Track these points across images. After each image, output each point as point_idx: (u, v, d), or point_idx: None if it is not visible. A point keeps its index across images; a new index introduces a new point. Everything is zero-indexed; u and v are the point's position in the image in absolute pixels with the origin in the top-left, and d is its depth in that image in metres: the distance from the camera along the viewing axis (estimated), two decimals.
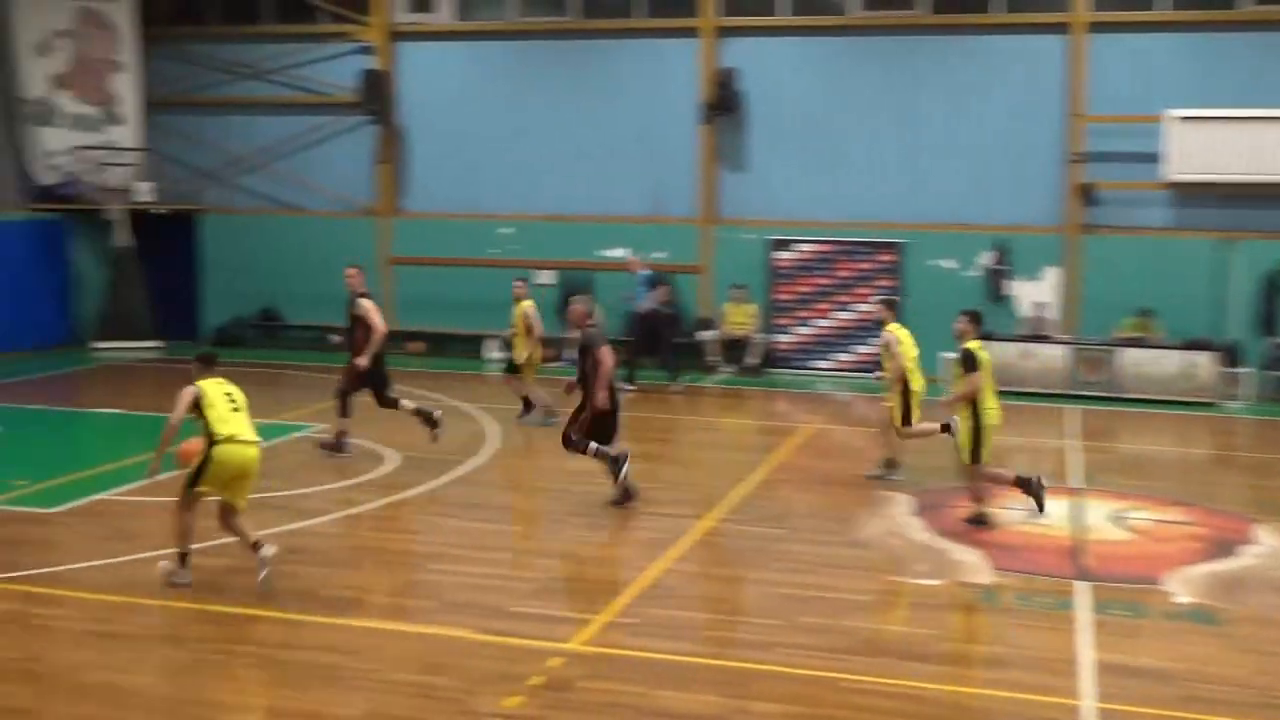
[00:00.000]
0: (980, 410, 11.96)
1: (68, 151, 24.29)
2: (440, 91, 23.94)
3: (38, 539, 11.44)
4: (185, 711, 7.71)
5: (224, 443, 9.79)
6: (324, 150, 24.71)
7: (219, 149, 25.11)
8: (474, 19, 23.84)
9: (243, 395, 10.21)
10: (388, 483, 13.65)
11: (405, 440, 15.55)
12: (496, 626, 9.19)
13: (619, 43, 23.17)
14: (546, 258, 23.11)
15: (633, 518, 12.41)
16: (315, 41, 24.46)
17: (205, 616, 9.42)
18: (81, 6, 24.40)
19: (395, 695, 7.97)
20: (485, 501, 13.04)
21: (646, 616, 9.49)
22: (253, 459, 10.02)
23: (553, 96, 23.41)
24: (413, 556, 11.48)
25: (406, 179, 24.41)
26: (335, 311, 23.21)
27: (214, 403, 9.88)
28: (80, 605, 9.65)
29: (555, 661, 8.54)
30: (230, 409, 9.97)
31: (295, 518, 12.16)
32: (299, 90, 24.74)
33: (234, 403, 10.04)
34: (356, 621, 9.30)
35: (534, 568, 10.78)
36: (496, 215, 23.72)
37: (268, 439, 15.54)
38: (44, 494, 12.76)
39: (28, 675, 8.28)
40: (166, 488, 13.25)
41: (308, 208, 24.81)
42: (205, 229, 25.05)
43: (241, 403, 10.09)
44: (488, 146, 23.71)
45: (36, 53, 24.09)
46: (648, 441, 16.96)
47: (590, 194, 23.27)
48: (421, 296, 23.82)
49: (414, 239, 24.05)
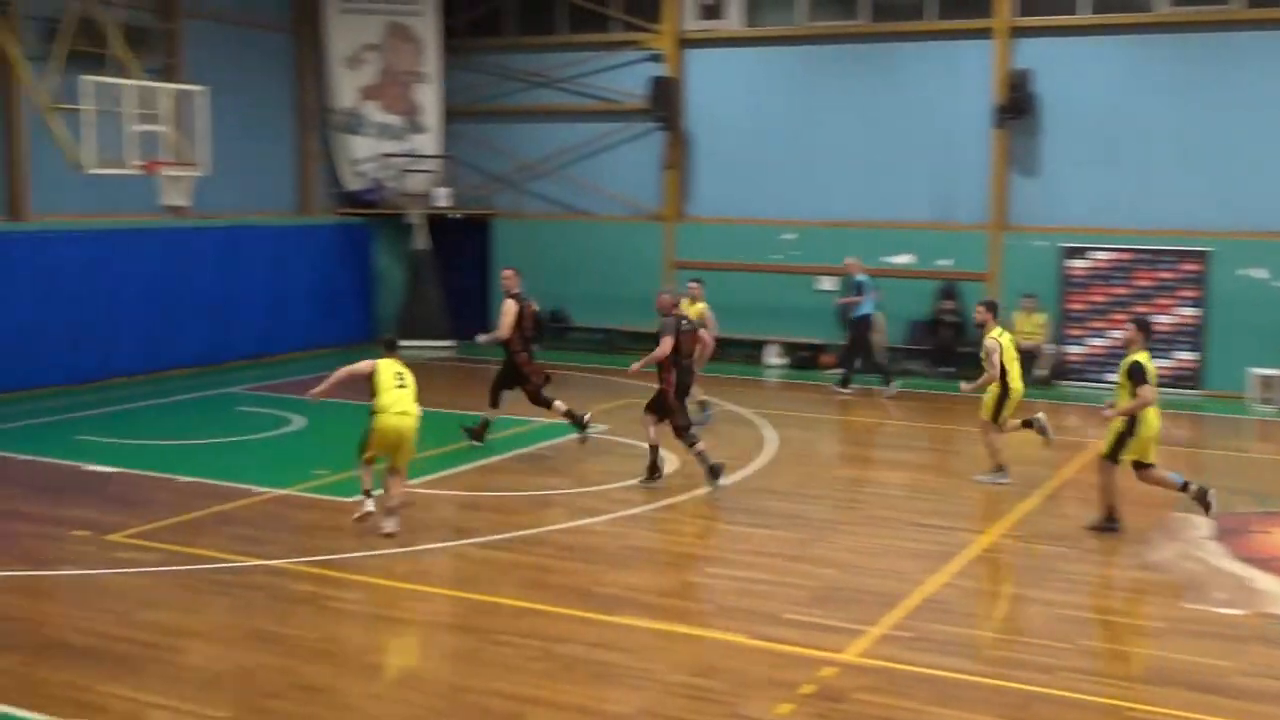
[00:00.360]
0: (1140, 420, 11.76)
1: (373, 159, 25.58)
2: (726, 97, 24.06)
3: (335, 526, 12.01)
4: (465, 698, 7.94)
5: (382, 413, 11.38)
6: (612, 156, 25.19)
7: (511, 155, 25.93)
8: (762, 24, 23.85)
9: (411, 376, 11.70)
10: (668, 485, 13.75)
11: (680, 444, 15.66)
12: (769, 632, 9.13)
13: (910, 45, 22.73)
14: (829, 264, 22.91)
15: (912, 530, 12.14)
16: (607, 50, 24.96)
17: (486, 607, 9.70)
18: (390, 21, 25.64)
19: (667, 695, 8.01)
20: (761, 507, 13.00)
21: (923, 631, 9.25)
22: (409, 428, 11.49)
23: (839, 100, 23.19)
24: (687, 559, 11.54)
25: (691, 184, 24.63)
26: (622, 314, 23.71)
27: (383, 380, 11.53)
28: (372, 590, 10.10)
29: (828, 671, 8.41)
30: (396, 386, 11.58)
31: (574, 515, 12.40)
32: (589, 98, 25.30)
33: (401, 381, 11.63)
34: (630, 620, 9.40)
35: (809, 575, 10.65)
36: (779, 221, 23.66)
37: (551, 439, 16.06)
38: (342, 484, 13.41)
39: (324, 655, 8.70)
40: (458, 482, 13.77)
41: (595, 212, 25.35)
42: (497, 233, 25.90)
43: (408, 381, 11.66)
44: (772, 151, 23.68)
45: (347, 66, 25.44)
46: (928, 451, 16.59)
47: (875, 199, 22.93)
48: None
49: (697, 244, 24.23)
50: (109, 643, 8.77)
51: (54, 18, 19.17)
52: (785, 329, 23.33)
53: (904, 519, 12.51)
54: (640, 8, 24.58)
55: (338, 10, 25.20)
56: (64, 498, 12.78)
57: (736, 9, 23.90)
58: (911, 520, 12.44)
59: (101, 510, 12.28)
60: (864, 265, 21.02)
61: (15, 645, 8.80)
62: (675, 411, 13.56)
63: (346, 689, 8.09)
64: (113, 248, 20.16)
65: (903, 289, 22.21)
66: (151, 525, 11.78)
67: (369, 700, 7.88)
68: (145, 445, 15.50)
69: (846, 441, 17.31)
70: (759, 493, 13.55)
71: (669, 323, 13.50)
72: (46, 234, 19.37)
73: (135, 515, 12.11)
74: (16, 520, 11.94)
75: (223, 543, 11.33)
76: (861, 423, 18.72)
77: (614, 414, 17.68)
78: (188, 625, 9.22)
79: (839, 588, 10.38)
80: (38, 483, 13.47)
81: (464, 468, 14.36)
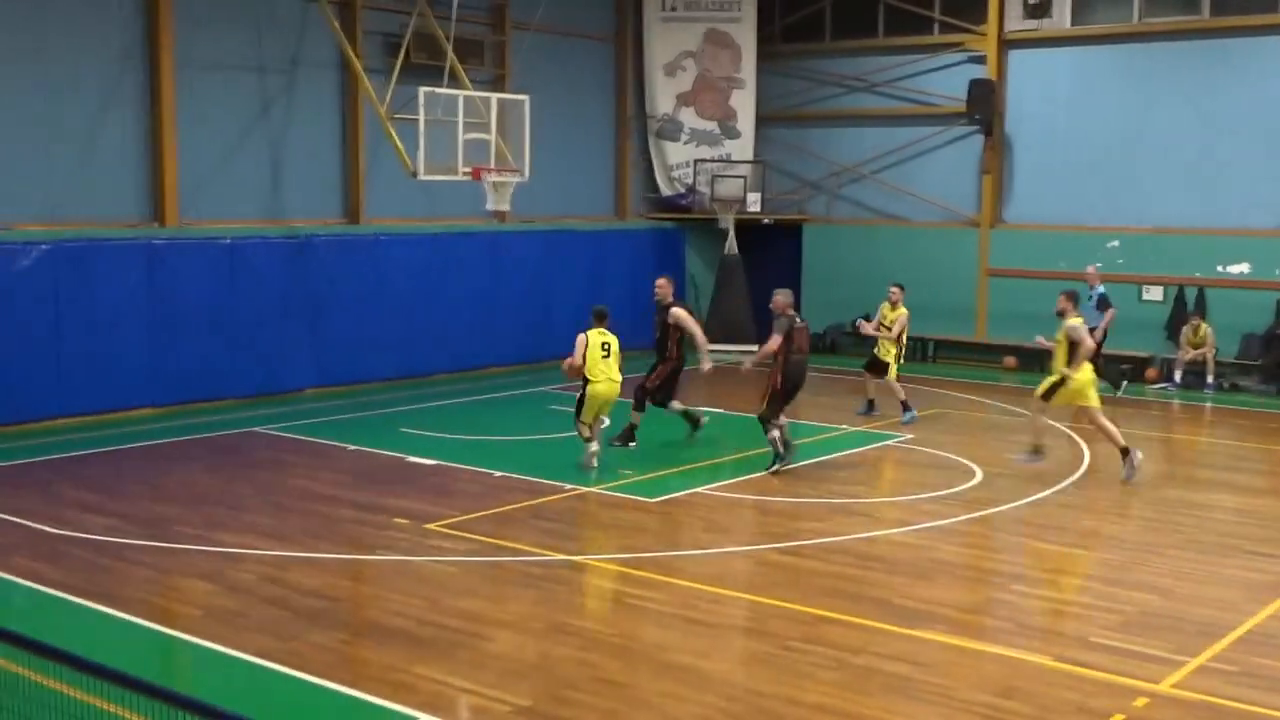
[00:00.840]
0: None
1: (687, 164, 25.96)
2: (1049, 99, 23.20)
3: (637, 525, 12.25)
4: (758, 703, 7.92)
5: (595, 382, 14.02)
6: (928, 160, 24.70)
7: (822, 160, 25.80)
8: (1091, 23, 22.86)
9: (616, 343, 14.23)
10: (973, 498, 13.38)
11: (989, 456, 15.24)
12: (1076, 656, 8.72)
13: (1255, 39, 21.28)
14: (1154, 273, 21.77)
15: (1240, 556, 11.37)
16: (926, 52, 24.49)
17: (784, 613, 9.64)
18: (709, 28, 25.96)
19: (965, 714, 7.76)
20: (1073, 525, 12.46)
21: (1249, 665, 8.64)
22: (615, 394, 14.21)
23: (1172, 100, 21.96)
24: (992, 575, 11.17)
25: (1009, 189, 23.88)
26: (934, 323, 23.20)
27: (593, 351, 14.04)
28: (670, 590, 10.21)
29: (1140, 701, 7.97)
30: (601, 356, 14.06)
31: (875, 525, 12.21)
32: (905, 101, 24.90)
33: (606, 350, 14.11)
34: (929, 634, 9.16)
35: (1121, 599, 10.12)
36: (1101, 228, 22.65)
37: (854, 447, 15.88)
38: (646, 484, 13.64)
39: (620, 650, 8.86)
40: (759, 487, 13.80)
41: (908, 218, 24.92)
42: (807, 238, 25.80)
43: (613, 350, 14.18)
44: (1096, 155, 22.69)
45: (665, 73, 25.92)
46: (1260, 474, 15.54)
47: (1207, 204, 21.63)
48: (1016, 310, 23.18)
49: (1012, 251, 23.48)
50: (421, 627, 9.19)
51: (393, 33, 20.31)
52: (1106, 340, 22.27)
53: (1231, 545, 11.74)
54: (962, 9, 24.02)
55: (658, 19, 25.71)
56: (388, 487, 13.49)
57: (1064, 8, 23.00)
58: (1239, 546, 11.66)
59: (420, 500, 12.89)
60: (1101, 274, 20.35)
61: (338, 624, 9.34)
62: (770, 402, 14.42)
63: (642, 685, 8.19)
64: (439, 250, 21.18)
65: (1237, 300, 20.92)
66: (465, 516, 12.29)
67: (663, 698, 7.96)
68: (463, 440, 16.20)
69: (1169, 460, 16.38)
70: (1074, 510, 12.99)
71: (782, 322, 14.54)
72: (380, 237, 20.52)
73: (451, 506, 12.66)
74: (345, 507, 12.67)
75: (531, 536, 11.71)
76: (1186, 440, 17.72)
77: (920, 423, 17.33)
78: (494, 614, 9.55)
79: (1156, 614, 9.81)
80: (365, 472, 14.26)
81: (764, 472, 14.35)
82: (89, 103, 17.51)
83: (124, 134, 17.88)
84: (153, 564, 10.66)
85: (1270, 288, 20.89)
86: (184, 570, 10.50)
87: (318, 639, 8.91)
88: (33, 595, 9.88)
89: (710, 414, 16.59)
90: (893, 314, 17.80)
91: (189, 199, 18.49)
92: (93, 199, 17.57)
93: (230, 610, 9.50)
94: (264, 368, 18.88)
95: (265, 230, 19.16)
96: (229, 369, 18.45)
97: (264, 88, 19.50)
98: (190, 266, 17.99)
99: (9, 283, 16.13)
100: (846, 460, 15.31)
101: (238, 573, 10.40)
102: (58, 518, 12.00)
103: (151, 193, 18.22)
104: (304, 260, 19.34)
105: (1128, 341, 21.98)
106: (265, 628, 9.11)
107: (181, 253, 17.92)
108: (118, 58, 17.75)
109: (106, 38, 17.59)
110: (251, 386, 18.73)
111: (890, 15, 24.89)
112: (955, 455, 15.39)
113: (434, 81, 18.75)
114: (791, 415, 15.66)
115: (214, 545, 11.22)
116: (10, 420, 16.15)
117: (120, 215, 17.87)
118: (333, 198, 20.61)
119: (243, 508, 12.57)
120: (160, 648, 9.02)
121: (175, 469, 14.27)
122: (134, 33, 17.86)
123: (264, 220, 19.47)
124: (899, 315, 17.75)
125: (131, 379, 17.37)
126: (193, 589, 10.05)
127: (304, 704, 7.98)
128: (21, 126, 16.86)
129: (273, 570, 10.49)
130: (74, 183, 17.40)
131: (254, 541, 11.36)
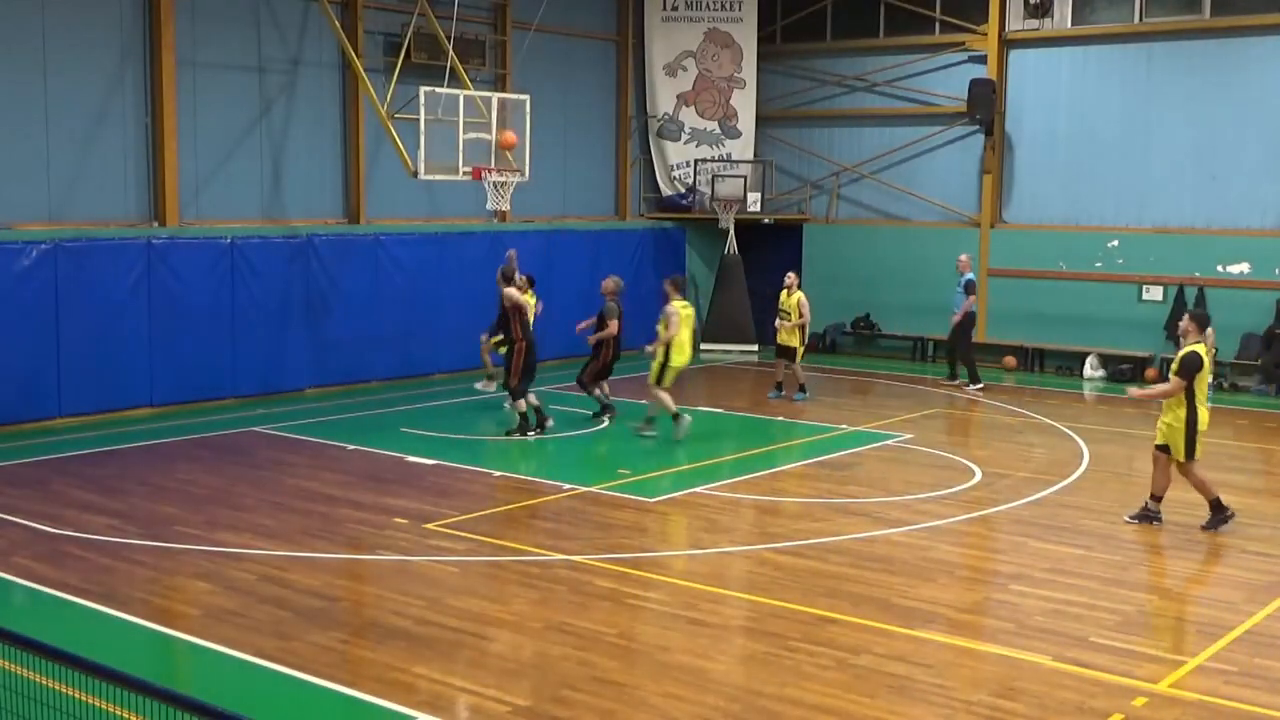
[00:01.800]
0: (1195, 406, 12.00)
1: (687, 164, 25.96)
2: (1049, 99, 23.21)
3: (635, 525, 12.24)
4: (757, 702, 7.92)
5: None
6: (929, 160, 24.71)
7: (823, 160, 25.80)
8: (1092, 23, 22.86)
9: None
10: (973, 498, 13.39)
11: (989, 456, 15.23)
12: (1077, 656, 8.73)
13: (1256, 40, 21.27)
14: (1154, 273, 21.78)
15: (1239, 556, 11.38)
16: (927, 52, 24.49)
17: (784, 613, 9.65)
18: (710, 28, 25.96)
19: (966, 714, 7.76)
20: (1074, 524, 12.45)
21: (1247, 666, 8.65)
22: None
23: (1173, 100, 21.96)
24: (992, 575, 11.17)
25: (1010, 189, 23.88)
26: (934, 322, 23.20)
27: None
28: (669, 589, 10.21)
29: (1139, 701, 7.97)
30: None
31: (877, 525, 12.22)
32: (906, 101, 24.90)
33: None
34: (929, 634, 9.17)
35: (1121, 599, 10.13)
36: (1101, 228, 22.65)
37: (853, 447, 15.89)
38: (643, 484, 13.64)
39: (619, 650, 8.86)
40: (759, 487, 13.79)
41: (909, 218, 24.92)
42: (808, 237, 25.80)
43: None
44: (1096, 155, 22.69)
45: (666, 73, 25.92)
46: (1258, 474, 15.55)
47: (1207, 204, 21.65)
48: (1016, 310, 23.22)
49: (1012, 250, 23.48)
50: (420, 627, 9.19)
51: (394, 32, 20.30)
52: (1105, 340, 22.32)
53: (1230, 544, 11.75)
54: (962, 9, 24.02)
55: (659, 18, 25.71)
56: (388, 487, 13.49)
57: (1065, 8, 22.99)
58: (1239, 546, 11.67)
59: (420, 500, 12.89)
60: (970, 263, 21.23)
61: (338, 624, 9.34)
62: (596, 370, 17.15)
63: (641, 685, 8.19)
64: (439, 250, 21.17)
65: (1237, 300, 20.93)
66: (465, 516, 12.29)
67: (662, 698, 7.96)
68: (462, 440, 16.20)
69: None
70: (1072, 510, 12.99)
71: (612, 307, 16.87)
72: (380, 237, 20.52)
73: (451, 506, 12.67)
74: (346, 506, 12.67)
75: (530, 536, 11.72)
76: None
77: (919, 423, 17.34)
78: (493, 614, 9.56)
79: (1155, 614, 9.82)
80: (366, 472, 14.26)
81: (764, 472, 14.36)
82: (89, 103, 17.51)
83: (124, 134, 17.89)
84: (153, 564, 10.66)
85: (1270, 287, 20.89)
86: (184, 570, 10.51)
87: (317, 639, 8.91)
88: (33, 595, 9.89)
89: (711, 414, 16.58)
90: (789, 300, 19.00)
91: (189, 199, 18.51)
92: (93, 199, 17.58)
93: (230, 610, 9.51)
94: (264, 368, 18.88)
95: (265, 230, 19.16)
96: (229, 369, 18.46)
97: (264, 87, 19.50)
98: (190, 266, 17.99)
99: (9, 283, 16.13)
100: (846, 460, 15.31)
101: (237, 573, 10.40)
102: (58, 518, 12.01)
103: (151, 192, 18.22)
104: (304, 260, 19.34)
105: (1128, 341, 22.02)
106: (265, 628, 9.12)
107: (181, 252, 17.92)
108: (118, 58, 17.76)
109: (107, 37, 17.59)
110: (251, 386, 18.74)
111: (891, 15, 24.89)
112: (955, 455, 15.41)
113: (435, 81, 18.75)
114: (793, 416, 15.65)
115: (214, 545, 11.23)
116: (10, 420, 16.16)
117: (120, 215, 17.88)
118: (333, 197, 20.61)
119: (242, 508, 12.58)
120: (160, 647, 9.03)
121: (175, 469, 14.27)
122: (134, 33, 17.86)
123: (264, 220, 19.48)
124: (794, 300, 19.06)
125: (131, 379, 17.37)
126: (192, 589, 10.05)
127: (303, 704, 7.98)
128: (22, 126, 16.87)
129: (272, 570, 10.49)
130: (74, 183, 17.40)
131: (254, 541, 11.37)
